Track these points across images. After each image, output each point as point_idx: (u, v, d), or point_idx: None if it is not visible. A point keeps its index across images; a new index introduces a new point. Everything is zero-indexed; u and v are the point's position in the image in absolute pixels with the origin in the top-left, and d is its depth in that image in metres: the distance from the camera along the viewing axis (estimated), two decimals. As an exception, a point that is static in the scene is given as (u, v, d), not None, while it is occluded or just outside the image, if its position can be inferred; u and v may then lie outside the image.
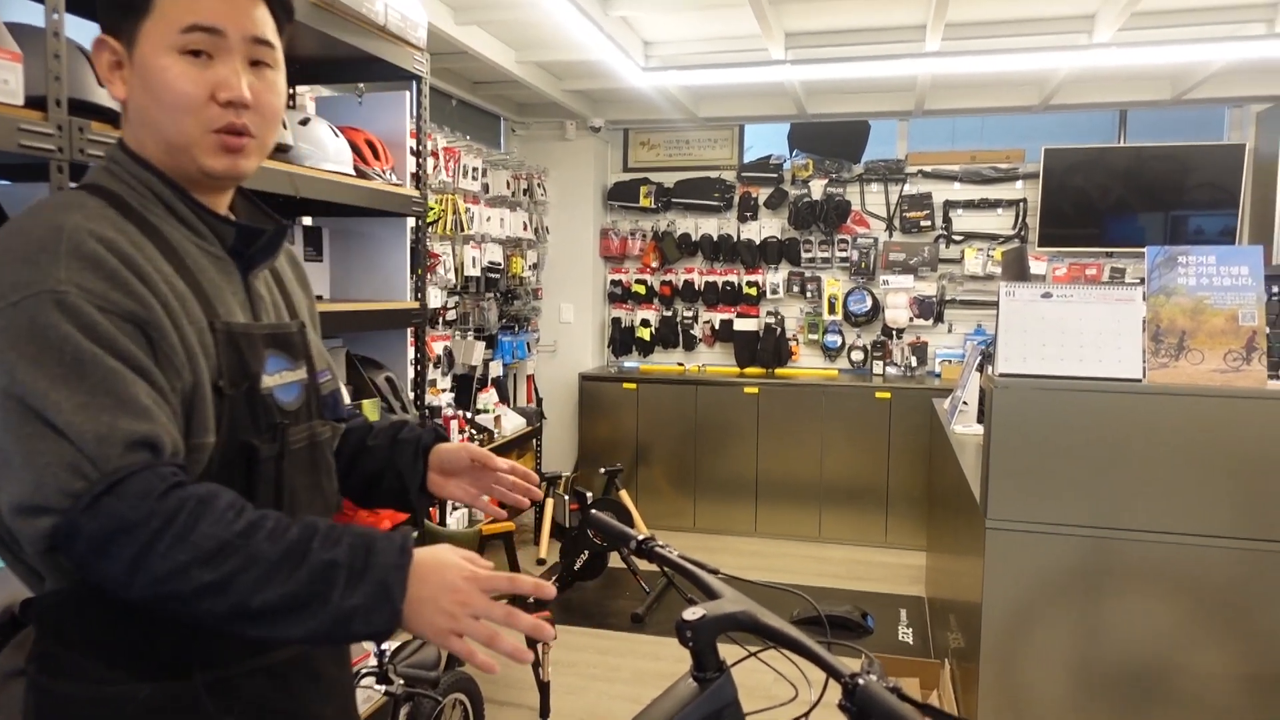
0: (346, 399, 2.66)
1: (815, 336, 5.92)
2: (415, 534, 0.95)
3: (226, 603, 0.87)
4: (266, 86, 1.08)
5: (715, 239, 5.97)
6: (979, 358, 3.66)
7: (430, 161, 4.30)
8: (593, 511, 1.51)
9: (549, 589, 0.98)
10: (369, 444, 1.34)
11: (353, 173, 2.62)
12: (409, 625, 0.91)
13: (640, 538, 1.38)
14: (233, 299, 1.10)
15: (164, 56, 1.01)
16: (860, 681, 0.98)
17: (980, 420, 3.50)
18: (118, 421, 0.89)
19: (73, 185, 1.06)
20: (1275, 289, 2.69)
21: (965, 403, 3.63)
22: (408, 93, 2.95)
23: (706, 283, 6.03)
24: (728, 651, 1.14)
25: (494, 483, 1.31)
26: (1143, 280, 2.20)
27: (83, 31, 1.75)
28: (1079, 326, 2.19)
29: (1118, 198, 5.29)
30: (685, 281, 6.07)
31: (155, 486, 0.88)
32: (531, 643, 2.94)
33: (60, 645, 1.02)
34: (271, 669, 1.09)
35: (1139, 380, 2.17)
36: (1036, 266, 5.35)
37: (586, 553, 4.51)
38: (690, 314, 6.13)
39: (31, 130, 1.51)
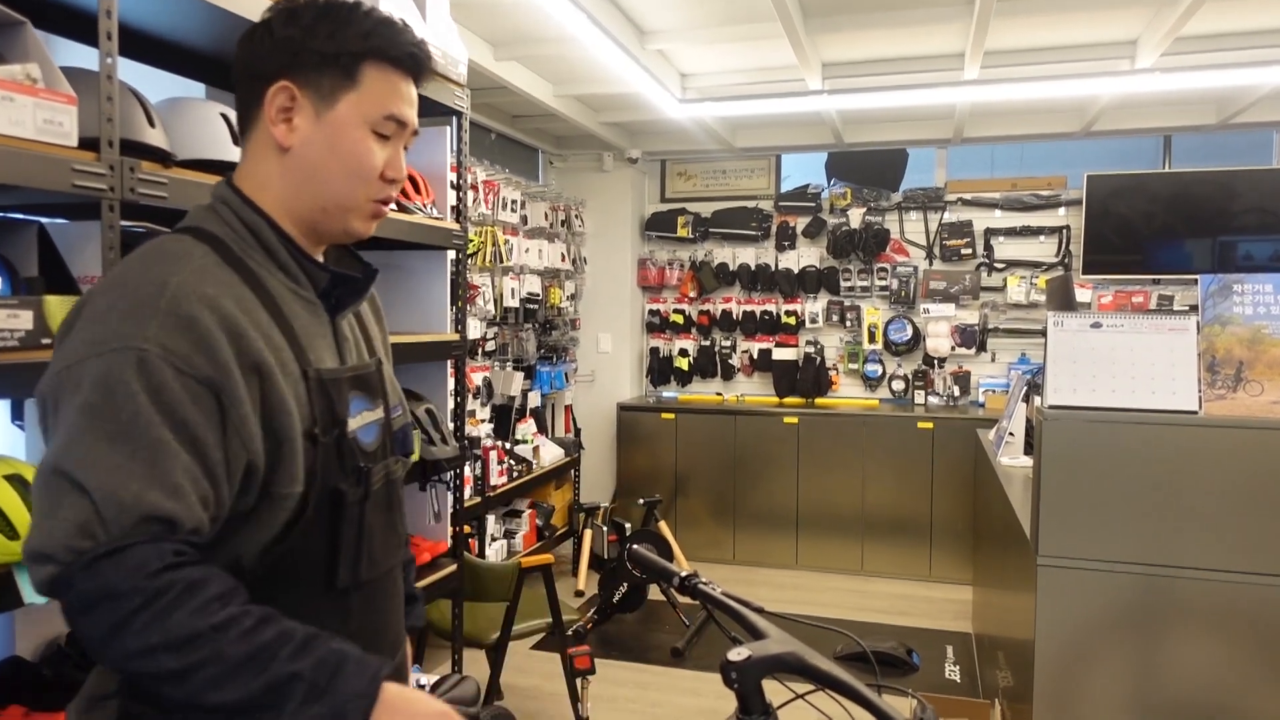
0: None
1: (855, 366, 5.86)
2: (386, 668, 0.95)
3: (183, 692, 0.89)
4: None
5: (753, 268, 5.95)
6: (1025, 387, 3.59)
7: (470, 195, 4.35)
8: (634, 547, 1.49)
9: None
10: None
11: (395, 207, 2.65)
12: None
13: (683, 574, 1.35)
14: (322, 343, 1.14)
15: (360, 129, 1.11)
16: (914, 729, 0.95)
17: (1027, 452, 3.43)
18: (144, 493, 0.91)
19: (172, 230, 1.08)
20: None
21: (1011, 434, 3.56)
22: (448, 128, 2.99)
23: (744, 312, 6.01)
24: (772, 690, 1.11)
25: None
26: (1193, 308, 2.14)
27: (132, 74, 1.80)
28: (1130, 357, 2.13)
29: (1162, 224, 5.19)
30: (723, 311, 6.05)
31: (151, 562, 0.89)
32: (572, 676, 2.91)
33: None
34: None
35: (1195, 412, 2.11)
36: (1081, 294, 5.26)
37: (625, 585, 4.47)
38: (728, 343, 6.11)
39: (84, 170, 1.54)
